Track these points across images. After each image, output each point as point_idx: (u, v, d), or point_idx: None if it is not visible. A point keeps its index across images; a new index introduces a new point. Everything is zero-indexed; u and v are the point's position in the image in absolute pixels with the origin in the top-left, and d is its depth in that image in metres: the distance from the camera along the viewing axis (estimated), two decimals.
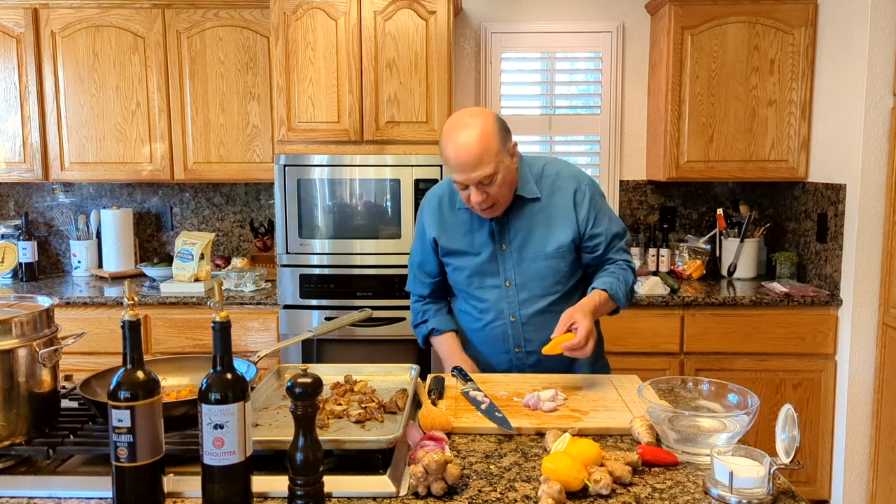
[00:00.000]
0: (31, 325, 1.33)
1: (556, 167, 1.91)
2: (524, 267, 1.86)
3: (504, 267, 1.88)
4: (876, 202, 2.87)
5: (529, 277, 1.86)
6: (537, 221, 1.86)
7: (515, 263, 1.87)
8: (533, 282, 1.87)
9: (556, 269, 1.86)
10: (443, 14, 2.96)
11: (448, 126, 1.76)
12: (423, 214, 1.99)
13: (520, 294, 1.87)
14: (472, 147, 1.68)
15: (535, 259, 1.86)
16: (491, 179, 1.71)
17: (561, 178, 1.88)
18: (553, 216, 1.86)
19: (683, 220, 3.67)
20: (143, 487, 1.13)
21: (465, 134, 1.69)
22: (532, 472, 1.30)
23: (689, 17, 3.19)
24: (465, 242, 1.90)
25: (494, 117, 1.75)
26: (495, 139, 1.71)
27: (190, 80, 3.28)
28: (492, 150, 1.70)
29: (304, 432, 1.11)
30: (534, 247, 1.85)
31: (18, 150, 3.34)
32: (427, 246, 1.97)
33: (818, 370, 3.04)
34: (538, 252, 1.85)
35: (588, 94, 3.64)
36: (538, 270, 1.86)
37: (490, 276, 1.89)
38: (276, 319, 3.07)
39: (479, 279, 1.90)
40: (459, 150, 1.69)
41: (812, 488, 3.08)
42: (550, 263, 1.86)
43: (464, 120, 1.73)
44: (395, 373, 1.78)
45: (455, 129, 1.72)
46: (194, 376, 1.58)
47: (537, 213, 1.86)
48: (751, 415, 1.34)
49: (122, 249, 3.53)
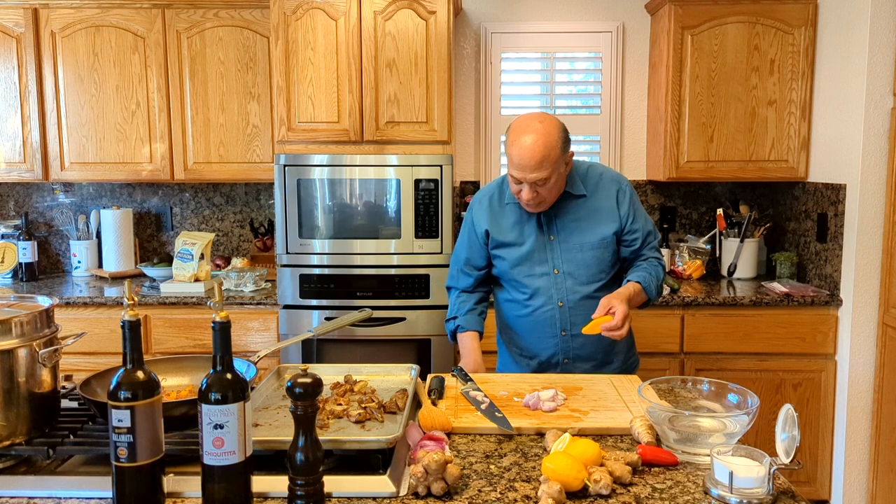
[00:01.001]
0: (31, 325, 1.33)
1: (600, 170, 2.09)
2: (571, 256, 2.01)
3: (552, 256, 2.02)
4: (876, 202, 2.87)
5: (576, 266, 2.01)
6: (582, 216, 2.02)
7: (563, 252, 2.02)
8: (579, 270, 2.01)
9: (599, 259, 2.02)
10: (443, 14, 2.96)
11: (517, 125, 1.88)
12: (474, 211, 2.13)
13: (567, 281, 2.02)
14: (536, 152, 1.82)
15: (581, 249, 2.01)
16: (545, 182, 1.87)
17: (604, 179, 2.06)
18: (597, 212, 2.02)
19: (683, 220, 3.67)
20: (143, 487, 1.13)
21: (532, 138, 1.83)
22: (532, 472, 1.30)
23: (689, 17, 3.19)
24: (515, 234, 2.04)
25: (560, 126, 1.89)
26: (558, 148, 1.85)
27: (190, 80, 3.28)
28: (552, 157, 1.84)
29: (304, 432, 1.11)
30: (580, 238, 2.01)
31: (18, 150, 3.34)
32: (478, 239, 2.10)
33: (818, 370, 3.04)
34: (584, 242, 2.01)
35: (588, 94, 3.64)
36: (584, 259, 2.01)
37: (539, 265, 2.03)
38: (276, 319, 3.07)
39: (529, 267, 2.03)
40: (524, 152, 1.83)
41: (812, 488, 3.08)
42: (595, 253, 2.01)
43: (533, 124, 1.86)
44: (395, 373, 1.78)
45: (523, 131, 1.85)
46: (194, 376, 1.58)
47: (581, 208, 2.02)
48: (751, 415, 1.34)
49: (122, 249, 3.54)
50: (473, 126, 3.62)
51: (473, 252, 2.13)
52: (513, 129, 1.89)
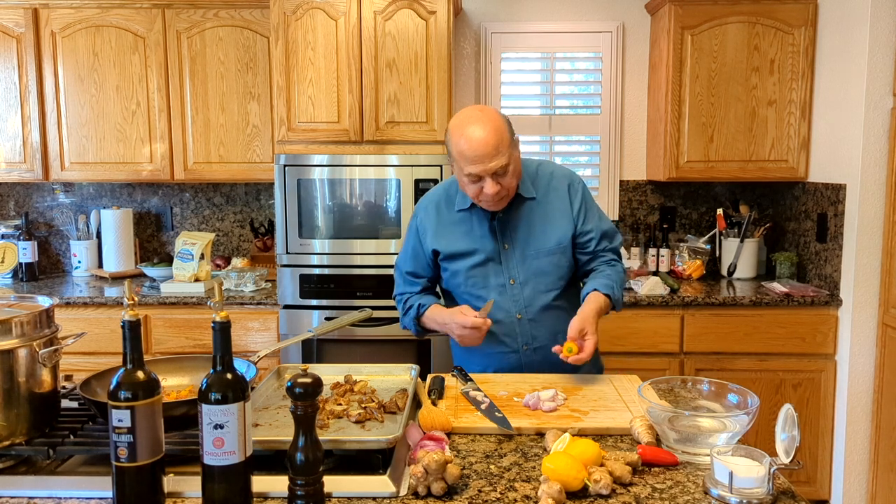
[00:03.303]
0: (31, 325, 1.33)
1: (550, 168, 1.97)
2: (527, 264, 1.90)
3: (508, 265, 1.90)
4: (876, 202, 2.87)
5: (533, 274, 1.90)
6: (535, 220, 1.91)
7: (519, 261, 1.90)
8: (537, 278, 1.90)
9: (557, 265, 1.91)
10: (443, 14, 2.96)
11: (458, 122, 1.79)
12: (419, 220, 2.00)
13: (524, 291, 1.90)
14: (488, 138, 1.73)
15: (537, 256, 1.90)
16: (505, 170, 1.76)
17: (555, 177, 1.95)
18: (550, 213, 1.91)
19: (683, 220, 3.67)
20: (143, 487, 1.13)
21: (479, 127, 1.74)
22: (532, 472, 1.30)
23: (689, 17, 3.19)
24: (467, 243, 1.92)
25: (499, 112, 1.82)
26: (506, 131, 1.77)
27: (190, 80, 3.29)
28: (505, 141, 1.75)
29: (304, 432, 1.11)
30: (535, 244, 1.90)
31: (18, 150, 3.34)
32: (424, 254, 1.98)
33: (818, 370, 3.04)
34: (540, 249, 1.90)
35: (588, 94, 3.64)
36: (541, 267, 1.90)
37: (493, 276, 1.91)
38: (276, 319, 3.07)
39: (483, 279, 1.92)
40: (476, 143, 1.73)
41: (812, 488, 3.08)
42: (552, 259, 1.91)
43: (474, 115, 1.79)
44: (395, 373, 1.78)
45: (467, 124, 1.76)
46: (194, 376, 1.58)
47: (534, 211, 1.91)
48: (751, 415, 1.34)
49: (122, 249, 3.54)
50: None
51: (418, 264, 2.00)
52: (454, 126, 1.79)
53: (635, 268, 3.44)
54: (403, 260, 2.04)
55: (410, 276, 2.02)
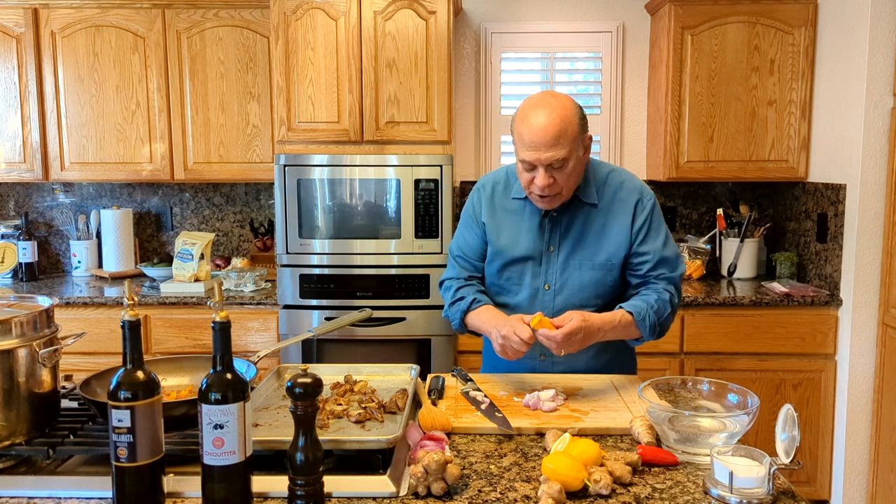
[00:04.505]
0: (31, 325, 1.33)
1: (622, 176, 1.81)
2: (568, 273, 1.78)
3: (547, 269, 1.79)
4: (876, 202, 2.87)
5: (571, 285, 1.77)
6: (591, 229, 1.77)
7: (560, 268, 1.78)
8: (573, 290, 1.77)
9: (599, 282, 1.77)
10: (443, 14, 2.96)
11: (528, 103, 1.67)
12: (475, 198, 1.88)
13: (556, 300, 1.78)
14: (550, 125, 1.60)
15: (580, 266, 1.77)
16: (562, 164, 1.63)
17: (624, 188, 1.79)
18: (608, 226, 1.77)
19: (683, 220, 3.67)
20: (143, 487, 1.13)
21: (546, 112, 1.62)
22: (532, 472, 1.30)
23: (689, 17, 3.19)
24: (512, 234, 1.81)
25: (576, 103, 1.68)
26: (575, 124, 1.64)
27: (190, 80, 3.28)
28: (570, 133, 1.62)
29: (304, 432, 1.11)
30: (582, 254, 1.77)
31: (18, 150, 3.34)
32: (478, 228, 1.86)
33: (818, 370, 3.04)
34: (586, 260, 1.77)
35: (588, 94, 3.64)
36: (581, 279, 1.77)
37: (530, 276, 1.80)
38: (276, 319, 3.07)
39: (518, 276, 1.81)
40: (537, 127, 1.61)
41: (812, 488, 3.08)
42: (595, 274, 1.77)
43: (546, 99, 1.66)
44: (395, 373, 1.78)
45: (535, 106, 1.64)
46: (194, 376, 1.58)
47: (592, 219, 1.77)
48: (751, 415, 1.34)
49: (122, 249, 3.53)
50: (473, 126, 3.62)
51: (475, 242, 1.87)
52: (523, 107, 1.66)
53: None
54: (455, 243, 1.91)
55: (465, 256, 1.88)
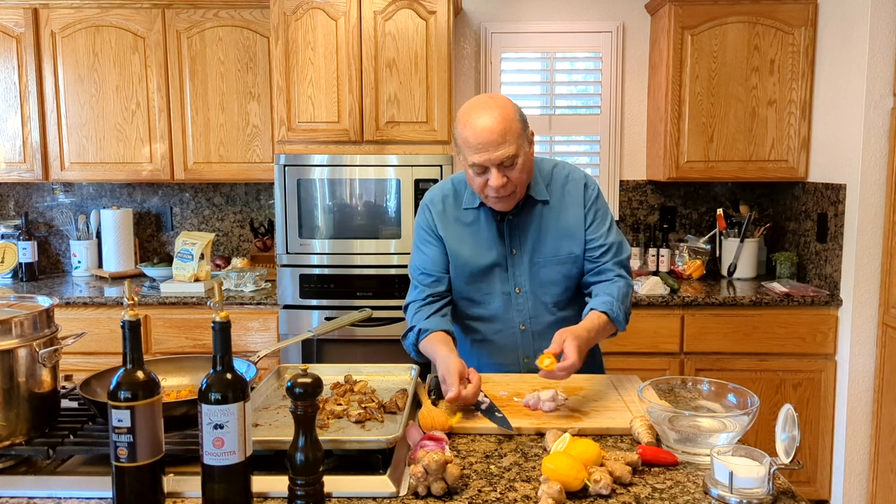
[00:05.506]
0: (31, 325, 1.33)
1: (566, 170, 1.84)
2: (535, 272, 1.78)
3: (514, 273, 1.79)
4: (876, 202, 2.87)
5: (540, 284, 1.79)
6: (548, 225, 1.78)
7: (527, 269, 1.79)
8: (544, 289, 1.79)
9: (567, 276, 1.80)
10: (443, 14, 2.96)
11: (466, 108, 1.68)
12: (426, 215, 1.85)
13: (529, 302, 1.80)
14: (495, 125, 1.61)
15: (546, 264, 1.78)
16: (513, 161, 1.64)
17: (570, 180, 1.82)
18: (563, 219, 1.79)
19: (683, 220, 3.67)
20: (143, 487, 1.13)
21: (488, 112, 1.63)
22: (532, 472, 1.30)
23: (689, 17, 3.19)
24: (472, 245, 1.80)
25: (513, 102, 1.70)
26: (517, 121, 1.66)
27: (190, 80, 3.28)
28: (514, 130, 1.63)
29: (304, 432, 1.11)
30: (545, 251, 1.78)
31: (18, 150, 3.34)
32: (434, 242, 1.83)
33: (818, 370, 3.04)
34: (550, 256, 1.78)
35: (588, 94, 3.64)
36: (550, 276, 1.79)
37: (499, 282, 1.80)
38: (276, 319, 3.07)
39: (487, 285, 1.81)
40: (481, 129, 1.62)
41: (812, 488, 3.08)
42: (563, 269, 1.79)
43: (483, 101, 1.68)
44: (395, 373, 1.78)
45: (475, 110, 1.66)
46: (194, 376, 1.58)
47: (547, 216, 1.79)
48: (751, 415, 1.34)
49: (122, 249, 3.53)
50: None
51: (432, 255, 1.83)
52: (463, 112, 1.67)
53: (635, 268, 3.44)
54: (413, 264, 1.88)
55: (423, 277, 1.85)
